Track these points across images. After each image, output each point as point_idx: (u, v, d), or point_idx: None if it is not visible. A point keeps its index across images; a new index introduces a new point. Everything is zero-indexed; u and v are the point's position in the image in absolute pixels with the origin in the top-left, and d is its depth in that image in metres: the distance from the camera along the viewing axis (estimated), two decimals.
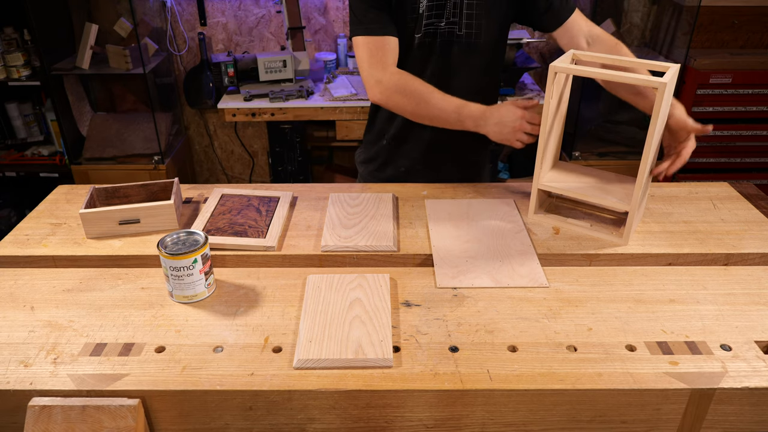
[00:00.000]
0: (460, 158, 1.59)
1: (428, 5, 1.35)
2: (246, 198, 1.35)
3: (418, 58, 1.42)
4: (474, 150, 1.59)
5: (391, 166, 1.60)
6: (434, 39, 1.39)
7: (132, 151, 2.88)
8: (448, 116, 1.32)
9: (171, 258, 1.00)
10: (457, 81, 1.44)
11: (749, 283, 1.10)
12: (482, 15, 1.37)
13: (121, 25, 2.83)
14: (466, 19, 1.36)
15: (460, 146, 1.54)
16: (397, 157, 1.58)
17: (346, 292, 1.04)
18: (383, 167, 1.61)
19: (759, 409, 0.88)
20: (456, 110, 1.31)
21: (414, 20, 1.36)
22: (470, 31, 1.38)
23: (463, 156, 1.59)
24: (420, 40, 1.39)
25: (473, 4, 1.35)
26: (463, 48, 1.40)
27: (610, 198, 1.20)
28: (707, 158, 2.86)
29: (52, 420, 0.84)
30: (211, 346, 0.94)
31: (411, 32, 1.38)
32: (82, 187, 1.46)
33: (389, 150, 1.58)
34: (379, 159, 1.62)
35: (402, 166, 1.58)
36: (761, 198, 1.40)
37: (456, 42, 1.39)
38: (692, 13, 2.63)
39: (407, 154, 1.54)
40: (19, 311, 1.03)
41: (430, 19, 1.36)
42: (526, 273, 1.11)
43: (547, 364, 0.90)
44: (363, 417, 0.88)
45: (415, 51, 1.41)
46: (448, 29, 1.38)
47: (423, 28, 1.37)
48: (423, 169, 1.43)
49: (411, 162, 1.56)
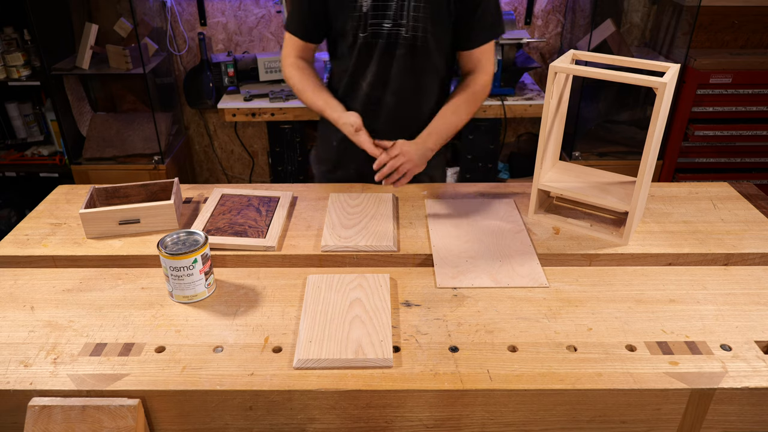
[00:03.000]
0: None
1: (372, 5, 1.35)
2: (246, 198, 1.35)
3: (364, 58, 1.42)
4: None
5: (341, 168, 1.59)
6: (379, 39, 1.39)
7: (132, 151, 2.88)
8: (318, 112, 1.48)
9: (171, 258, 1.00)
10: (406, 83, 1.44)
11: (749, 283, 1.10)
12: (427, 18, 1.36)
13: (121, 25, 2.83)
14: (413, 21, 1.36)
15: None
16: (347, 159, 1.56)
17: (346, 292, 1.04)
18: (334, 169, 1.60)
19: (759, 409, 0.88)
20: (320, 111, 1.46)
21: (357, 19, 1.36)
22: (416, 34, 1.38)
23: None
24: (364, 39, 1.39)
25: (419, 6, 1.35)
26: (408, 49, 1.40)
27: (610, 198, 1.20)
28: (707, 158, 2.86)
29: (52, 420, 0.84)
30: (211, 346, 0.94)
31: (355, 30, 1.38)
32: (82, 187, 1.46)
33: (338, 152, 1.57)
34: (330, 160, 1.61)
35: (352, 168, 1.56)
36: (761, 198, 1.40)
37: (401, 43, 1.39)
38: (692, 13, 2.63)
39: (356, 156, 1.47)
40: (19, 311, 1.03)
41: (375, 19, 1.36)
42: (526, 273, 1.11)
43: (547, 364, 0.90)
44: (363, 417, 0.88)
45: (359, 49, 1.41)
46: (394, 30, 1.38)
47: (368, 27, 1.37)
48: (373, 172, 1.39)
49: (359, 165, 1.51)
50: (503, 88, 2.69)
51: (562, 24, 3.03)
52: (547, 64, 3.03)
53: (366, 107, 1.46)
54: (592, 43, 2.70)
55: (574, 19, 2.94)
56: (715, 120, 2.77)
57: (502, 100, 2.67)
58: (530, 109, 2.69)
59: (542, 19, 3.02)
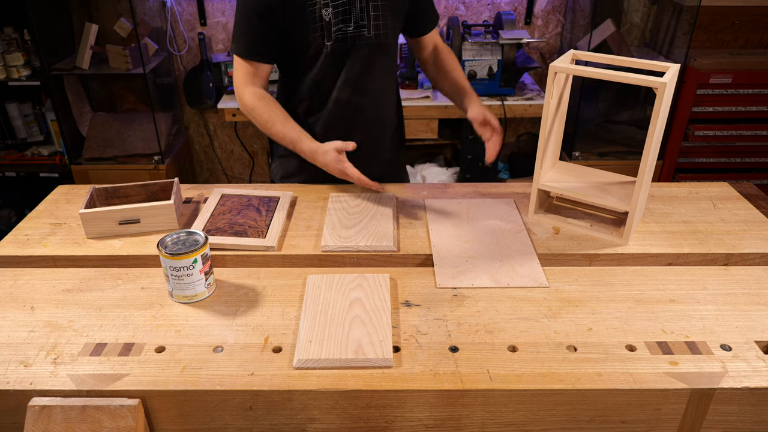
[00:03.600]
0: (377, 159, 1.55)
1: (334, 12, 1.34)
2: (246, 198, 1.35)
3: (332, 65, 1.41)
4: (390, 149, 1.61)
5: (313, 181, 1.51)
6: (345, 44, 1.39)
7: (132, 151, 2.88)
8: (287, 145, 1.40)
9: (171, 258, 1.00)
10: (372, 83, 1.45)
11: (749, 283, 1.10)
12: (388, 15, 1.38)
13: (121, 25, 2.83)
14: (374, 20, 1.37)
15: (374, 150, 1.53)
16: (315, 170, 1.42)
17: (346, 292, 1.04)
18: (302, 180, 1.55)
19: (759, 409, 0.88)
20: (291, 143, 1.38)
21: (320, 29, 1.35)
22: (378, 32, 1.39)
23: (380, 156, 1.56)
24: (332, 47, 1.38)
25: (378, 5, 1.36)
26: (373, 49, 1.41)
27: (610, 198, 1.20)
28: (707, 158, 2.86)
29: (52, 420, 0.84)
30: (211, 346, 0.94)
31: (320, 41, 1.37)
32: (82, 187, 1.46)
33: (303, 163, 1.43)
34: (299, 175, 1.55)
35: (318, 180, 1.48)
36: (761, 198, 1.40)
37: (366, 44, 1.40)
38: (692, 13, 2.63)
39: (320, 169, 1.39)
40: (19, 311, 1.03)
41: (338, 25, 1.36)
42: (526, 273, 1.11)
43: (547, 364, 0.90)
44: (363, 417, 0.88)
45: (328, 58, 1.40)
46: (357, 32, 1.38)
47: (333, 35, 1.36)
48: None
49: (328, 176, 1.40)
50: (503, 88, 2.69)
51: (562, 24, 3.03)
52: (547, 64, 3.03)
53: (337, 113, 1.46)
54: (592, 43, 2.70)
55: (574, 19, 2.94)
56: (715, 120, 2.77)
57: (502, 100, 2.67)
58: (530, 109, 2.69)
59: (542, 19, 3.02)
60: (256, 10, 1.32)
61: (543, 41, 2.84)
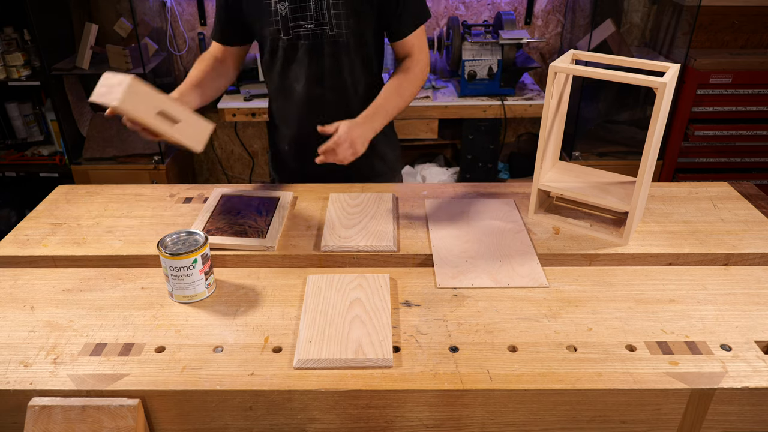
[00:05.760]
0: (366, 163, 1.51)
1: (291, 8, 1.35)
2: (246, 198, 1.35)
3: (288, 60, 1.43)
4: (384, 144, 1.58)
5: (299, 173, 1.58)
6: (303, 40, 1.39)
7: (132, 151, 2.88)
8: None
9: (171, 258, 1.00)
10: (334, 79, 1.44)
11: (749, 283, 1.10)
12: (350, 14, 1.37)
13: (121, 25, 2.83)
14: (335, 18, 1.37)
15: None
16: (301, 159, 1.52)
17: (346, 292, 1.04)
18: (293, 175, 1.59)
19: (759, 409, 0.88)
20: None
21: (277, 23, 1.37)
22: (340, 31, 1.38)
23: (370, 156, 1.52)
24: (288, 42, 1.39)
25: (338, 3, 1.35)
26: (334, 48, 1.40)
27: (610, 198, 1.20)
28: (707, 158, 2.86)
29: (52, 420, 0.84)
30: (211, 346, 0.94)
31: (275, 35, 1.39)
32: (82, 187, 1.46)
33: (292, 155, 1.57)
34: (288, 168, 1.59)
35: (313, 177, 1.51)
36: (761, 198, 1.40)
37: (327, 42, 1.39)
38: (692, 13, 2.63)
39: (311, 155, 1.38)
40: (19, 311, 1.03)
41: (296, 21, 1.37)
42: (526, 273, 1.11)
43: (547, 364, 0.90)
44: (363, 417, 0.88)
45: (285, 52, 1.41)
46: (318, 30, 1.38)
47: (291, 30, 1.38)
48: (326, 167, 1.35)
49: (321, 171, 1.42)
50: (503, 88, 2.69)
51: (562, 24, 3.03)
52: (547, 64, 3.03)
53: (306, 107, 1.47)
54: (592, 43, 2.70)
55: (574, 19, 2.94)
56: (715, 120, 2.77)
57: (502, 100, 2.67)
58: (530, 109, 2.69)
59: (542, 19, 3.02)
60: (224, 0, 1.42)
61: (543, 41, 2.84)
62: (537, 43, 2.92)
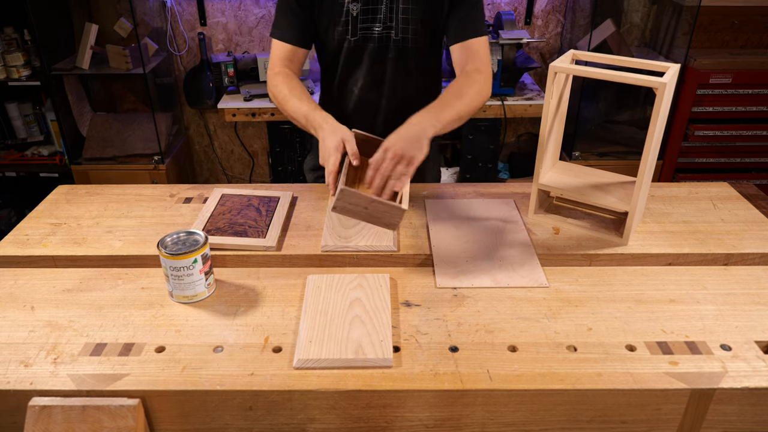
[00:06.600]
0: None
1: (362, 9, 1.35)
2: (246, 198, 1.35)
3: (352, 61, 1.42)
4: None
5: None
6: (369, 43, 1.39)
7: (132, 151, 2.88)
8: (299, 121, 1.34)
9: (171, 258, 1.00)
10: (394, 84, 1.44)
11: (749, 283, 1.10)
12: (417, 19, 1.36)
13: (121, 25, 2.83)
14: (402, 23, 1.36)
15: None
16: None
17: (346, 292, 1.04)
18: None
19: (759, 409, 0.88)
20: (304, 117, 1.31)
21: (346, 23, 1.37)
22: (406, 36, 1.38)
23: None
24: (355, 43, 1.39)
25: (408, 8, 1.35)
26: (398, 52, 1.40)
27: (610, 198, 1.20)
28: (707, 158, 2.86)
29: (52, 420, 0.84)
30: (211, 346, 0.94)
31: (342, 35, 1.38)
32: (81, 187, 1.46)
33: None
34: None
35: None
36: (761, 198, 1.40)
37: (392, 47, 1.39)
38: (692, 13, 2.63)
39: None
40: (19, 311, 1.03)
41: (366, 23, 1.36)
42: (526, 273, 1.11)
43: (547, 364, 0.90)
44: (363, 417, 0.88)
45: (348, 54, 1.41)
46: (385, 34, 1.37)
47: (359, 32, 1.37)
48: None
49: None
50: (503, 88, 2.69)
51: (562, 24, 3.03)
52: (547, 64, 3.03)
53: (360, 111, 1.47)
54: (592, 43, 2.70)
55: (574, 19, 2.94)
56: (715, 120, 2.77)
57: (502, 100, 2.67)
58: (530, 109, 2.69)
59: (542, 19, 3.02)
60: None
61: (543, 41, 2.84)
62: (537, 43, 2.92)
